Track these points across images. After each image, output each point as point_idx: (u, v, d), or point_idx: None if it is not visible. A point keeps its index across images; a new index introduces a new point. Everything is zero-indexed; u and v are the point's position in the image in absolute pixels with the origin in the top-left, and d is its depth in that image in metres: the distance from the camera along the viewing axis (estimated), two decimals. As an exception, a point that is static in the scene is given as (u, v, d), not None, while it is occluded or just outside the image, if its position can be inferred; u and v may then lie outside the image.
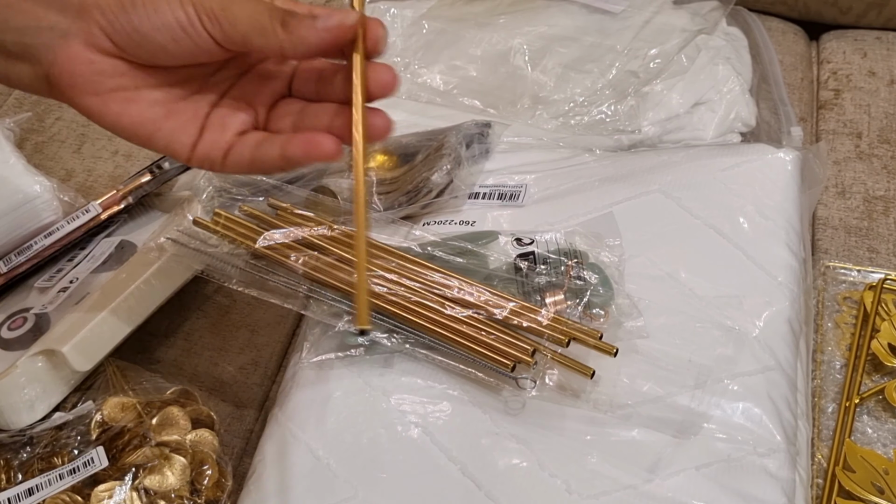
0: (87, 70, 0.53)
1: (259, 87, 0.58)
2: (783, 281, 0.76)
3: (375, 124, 0.56)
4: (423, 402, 0.70)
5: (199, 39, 0.53)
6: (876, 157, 0.96)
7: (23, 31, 0.53)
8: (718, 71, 0.98)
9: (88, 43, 0.53)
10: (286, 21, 0.53)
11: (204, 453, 0.71)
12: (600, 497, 0.65)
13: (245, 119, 0.58)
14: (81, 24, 0.52)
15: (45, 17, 0.53)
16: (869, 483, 0.71)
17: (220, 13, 0.52)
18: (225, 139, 0.57)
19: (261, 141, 0.56)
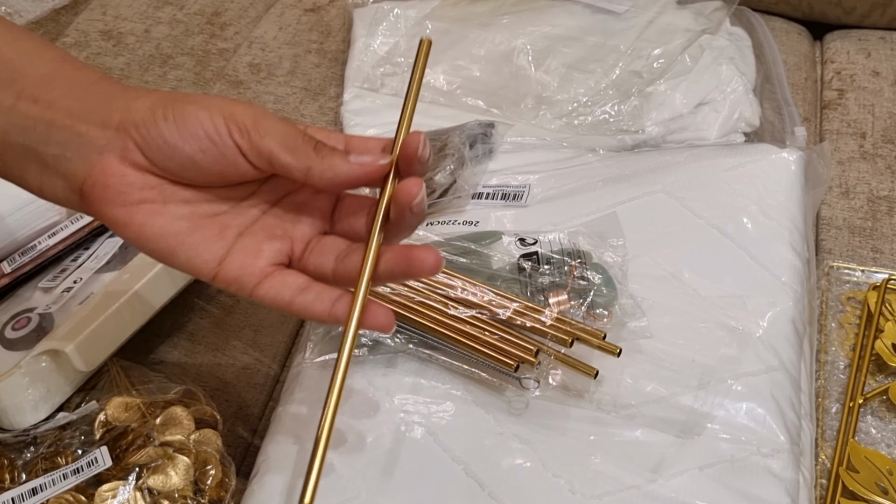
0: (118, 182, 0.54)
1: (296, 217, 0.57)
2: (787, 281, 0.76)
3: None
4: (427, 402, 0.70)
5: (227, 150, 0.53)
6: (880, 156, 0.96)
7: (64, 146, 0.54)
8: (722, 71, 0.98)
9: (123, 157, 0.54)
10: (319, 147, 0.53)
11: (207, 453, 0.71)
12: (604, 497, 0.65)
13: (280, 248, 0.56)
14: (118, 139, 0.54)
15: (86, 132, 0.54)
16: (873, 483, 0.71)
17: (251, 125, 0.53)
18: (258, 266, 0.55)
19: (304, 288, 0.55)
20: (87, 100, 0.54)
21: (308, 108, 1.06)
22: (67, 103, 0.54)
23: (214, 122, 0.53)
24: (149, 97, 0.54)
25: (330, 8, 1.18)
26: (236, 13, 1.18)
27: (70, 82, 0.55)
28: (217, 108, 0.53)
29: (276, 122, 0.54)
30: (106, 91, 0.55)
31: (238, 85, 1.08)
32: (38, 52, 0.56)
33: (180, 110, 0.53)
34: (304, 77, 1.09)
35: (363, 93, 1.03)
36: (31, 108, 0.54)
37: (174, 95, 0.54)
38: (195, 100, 0.54)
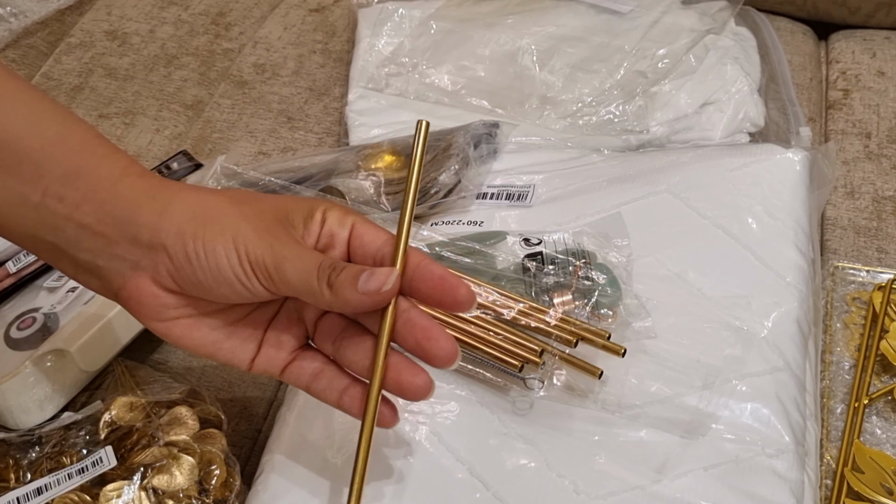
0: (153, 302, 0.57)
1: (305, 304, 0.61)
2: (792, 281, 0.76)
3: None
4: (431, 402, 0.70)
5: (255, 290, 0.56)
6: (885, 157, 0.96)
7: (96, 254, 0.56)
8: (727, 71, 0.98)
9: (155, 279, 0.56)
10: (332, 282, 0.55)
11: (212, 453, 0.71)
12: (608, 497, 0.65)
13: (298, 334, 0.61)
14: (150, 260, 0.56)
15: (117, 245, 0.56)
16: (878, 484, 0.70)
17: (274, 273, 0.56)
18: (281, 357, 0.61)
19: (317, 373, 0.61)
20: (112, 205, 0.56)
21: (312, 108, 1.06)
22: (93, 208, 0.56)
23: (244, 267, 0.55)
24: (173, 215, 0.56)
25: (334, 8, 1.18)
26: (241, 13, 1.18)
27: (93, 182, 0.56)
28: (244, 251, 0.55)
29: (293, 265, 0.56)
30: (129, 197, 0.56)
31: (243, 85, 1.09)
32: (61, 141, 0.57)
33: (211, 248, 0.55)
34: (309, 77, 1.09)
35: (368, 93, 1.03)
36: (58, 208, 0.56)
37: (199, 217, 0.56)
38: (221, 230, 0.56)
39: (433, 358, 0.57)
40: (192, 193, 0.57)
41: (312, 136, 1.03)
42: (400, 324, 0.58)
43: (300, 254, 0.56)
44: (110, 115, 1.06)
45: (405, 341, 0.58)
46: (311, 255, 0.56)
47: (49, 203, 0.55)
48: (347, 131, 1.01)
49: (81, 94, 1.08)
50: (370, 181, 0.88)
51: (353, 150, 0.94)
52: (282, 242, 0.56)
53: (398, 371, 0.58)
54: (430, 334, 0.57)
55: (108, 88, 1.09)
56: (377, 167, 0.90)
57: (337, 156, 0.93)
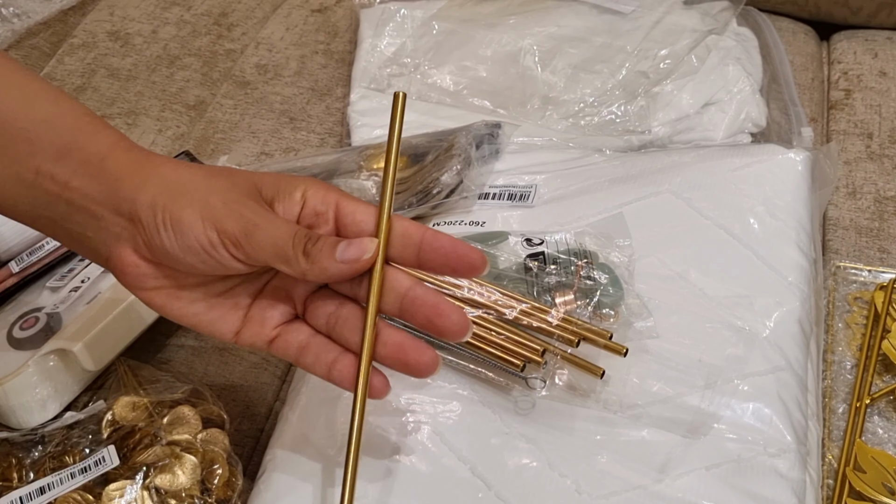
0: (134, 272, 0.58)
1: (294, 281, 0.61)
2: (794, 281, 0.76)
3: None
4: (433, 401, 0.70)
5: (224, 260, 0.56)
6: (887, 157, 0.96)
7: (84, 226, 0.58)
8: (729, 71, 0.98)
9: (135, 249, 0.58)
10: (308, 251, 0.56)
11: (214, 452, 0.71)
12: (610, 497, 0.65)
13: (284, 310, 0.61)
14: (129, 231, 0.57)
15: (102, 216, 0.57)
16: (879, 484, 0.71)
17: (244, 239, 0.56)
18: (265, 332, 0.61)
19: (304, 346, 0.60)
20: (99, 180, 0.57)
21: (315, 109, 1.06)
22: (82, 183, 0.57)
23: (209, 235, 0.56)
24: (149, 188, 0.57)
25: (337, 8, 1.18)
26: (243, 14, 1.18)
27: (82, 158, 0.58)
28: (210, 220, 0.56)
29: (265, 232, 0.56)
30: (114, 172, 0.57)
31: (245, 86, 1.09)
32: (52, 120, 0.58)
33: (177, 218, 0.56)
34: (311, 77, 1.10)
35: (370, 93, 1.03)
36: (50, 186, 0.57)
37: (172, 190, 0.57)
38: (190, 201, 0.56)
39: (446, 332, 0.57)
40: (171, 168, 0.59)
41: (314, 137, 1.03)
42: (407, 302, 0.58)
43: (274, 222, 0.56)
44: (113, 116, 1.06)
45: (414, 319, 0.58)
46: (286, 224, 0.57)
47: (42, 182, 0.57)
48: (349, 132, 1.01)
49: (84, 94, 1.08)
50: (372, 181, 0.88)
51: (355, 150, 0.94)
52: (253, 211, 0.56)
53: (403, 350, 0.58)
54: (439, 310, 0.57)
55: (111, 89, 1.09)
56: (379, 167, 0.90)
57: (339, 156, 0.93)
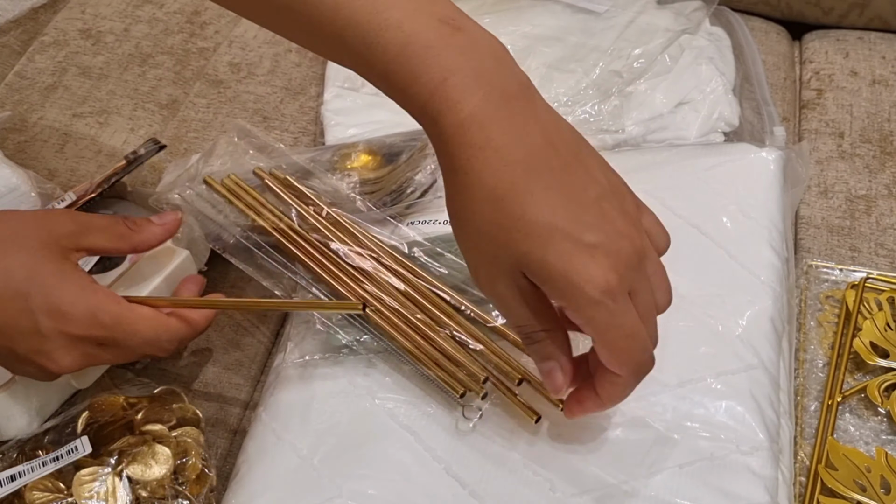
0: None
1: None
2: (766, 280, 0.76)
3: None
4: (408, 401, 0.70)
5: None
6: (858, 156, 0.97)
7: None
8: (702, 71, 0.98)
9: None
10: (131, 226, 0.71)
11: (188, 443, 0.71)
12: (584, 496, 0.65)
13: None
14: None
15: None
16: (851, 481, 0.71)
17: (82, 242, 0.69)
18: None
19: None
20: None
21: (288, 108, 1.06)
22: None
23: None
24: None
25: (310, 7, 1.18)
26: (216, 12, 1.17)
27: None
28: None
29: (97, 227, 0.69)
30: None
31: (218, 84, 1.08)
32: None
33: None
34: (285, 76, 1.09)
35: (344, 92, 1.03)
36: None
37: None
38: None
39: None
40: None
41: (288, 136, 1.03)
42: None
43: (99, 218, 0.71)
44: (84, 115, 1.05)
45: None
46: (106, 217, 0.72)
47: None
48: (323, 131, 1.00)
49: (55, 93, 1.08)
50: (346, 181, 0.88)
51: (329, 149, 0.93)
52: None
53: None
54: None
55: (83, 87, 1.08)
56: (353, 167, 0.90)
57: (313, 155, 0.93)
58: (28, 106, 1.07)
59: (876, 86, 1.04)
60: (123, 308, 0.66)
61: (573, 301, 0.54)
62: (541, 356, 0.60)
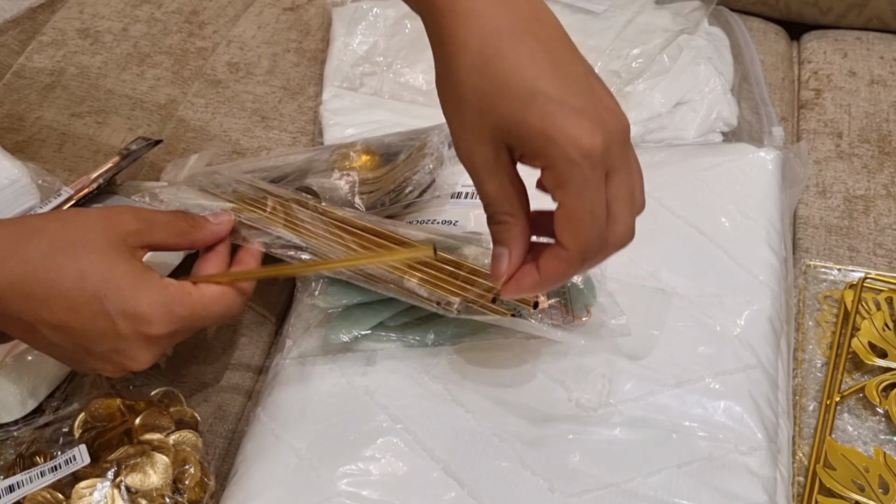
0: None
1: None
2: (764, 280, 0.76)
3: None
4: (406, 400, 0.70)
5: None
6: (856, 156, 0.97)
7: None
8: (700, 71, 0.98)
9: None
10: (192, 223, 0.71)
11: (187, 452, 0.71)
12: (582, 495, 0.65)
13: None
14: None
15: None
16: (850, 481, 0.71)
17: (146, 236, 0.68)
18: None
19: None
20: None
21: (287, 108, 1.06)
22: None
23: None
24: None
25: (309, 7, 1.18)
26: (215, 12, 1.17)
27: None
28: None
29: (160, 222, 0.69)
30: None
31: (216, 84, 1.08)
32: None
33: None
34: (283, 76, 1.09)
35: (342, 92, 1.03)
36: None
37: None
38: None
39: None
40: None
41: (287, 136, 1.03)
42: None
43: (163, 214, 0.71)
44: (83, 114, 1.05)
45: None
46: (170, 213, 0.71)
47: None
48: (322, 130, 1.00)
49: (53, 92, 1.07)
50: (345, 180, 0.88)
51: (327, 149, 0.93)
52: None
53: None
54: None
55: (81, 87, 1.08)
56: (352, 167, 0.90)
57: (311, 155, 0.93)
58: (26, 105, 1.06)
59: (874, 86, 1.04)
60: (195, 297, 0.67)
61: (550, 158, 0.53)
62: (497, 239, 0.59)
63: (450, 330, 0.73)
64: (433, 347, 0.73)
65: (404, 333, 0.73)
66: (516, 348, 0.72)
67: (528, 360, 0.71)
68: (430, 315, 0.73)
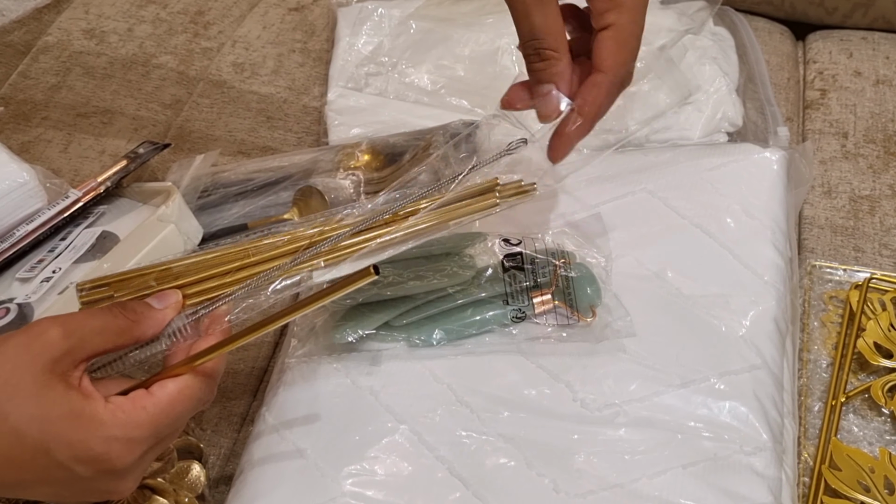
0: None
1: None
2: (769, 280, 0.76)
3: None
4: (411, 401, 0.70)
5: None
6: (862, 156, 0.96)
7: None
8: (705, 71, 0.98)
9: None
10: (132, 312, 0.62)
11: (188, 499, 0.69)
12: (587, 496, 0.65)
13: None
14: None
15: None
16: (855, 481, 0.71)
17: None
18: None
19: None
20: None
21: (292, 108, 1.06)
22: None
23: None
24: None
25: (314, 7, 1.18)
26: (220, 12, 1.18)
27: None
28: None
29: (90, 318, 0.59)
30: None
31: (222, 84, 1.08)
32: None
33: None
34: (288, 76, 1.09)
35: (347, 92, 1.03)
36: None
37: None
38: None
39: None
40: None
41: (292, 136, 1.03)
42: None
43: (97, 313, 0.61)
44: (88, 115, 1.05)
45: None
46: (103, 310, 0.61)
47: None
48: (327, 130, 1.00)
49: (59, 93, 1.08)
50: (350, 180, 0.88)
51: (332, 149, 0.94)
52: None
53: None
54: None
55: (86, 87, 1.08)
56: (357, 166, 0.90)
57: (316, 155, 0.93)
58: (32, 106, 1.07)
59: (880, 86, 1.04)
60: (150, 409, 0.58)
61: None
62: (542, 77, 0.60)
63: (455, 330, 0.73)
64: (438, 348, 0.73)
65: (409, 333, 0.73)
66: (521, 348, 0.72)
67: (532, 361, 0.71)
68: (435, 315, 0.73)
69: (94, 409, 0.56)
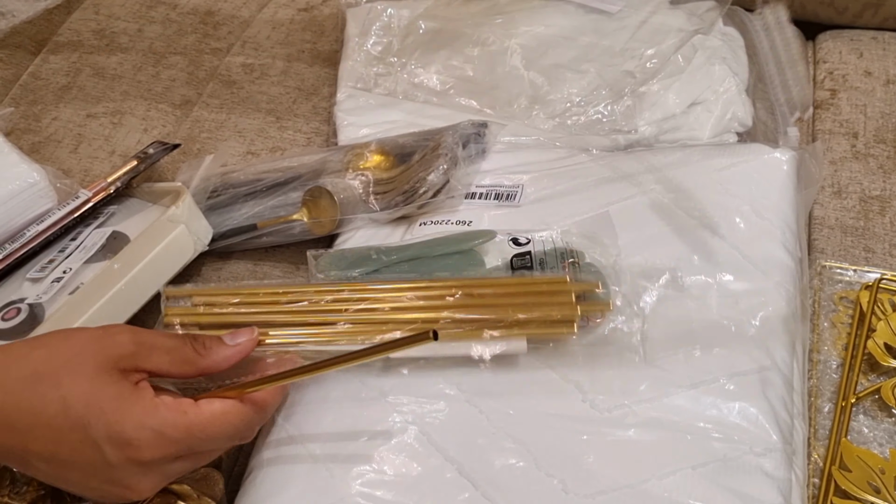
0: None
1: None
2: (779, 281, 0.76)
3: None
4: (420, 401, 0.70)
5: None
6: (872, 156, 0.96)
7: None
8: (715, 71, 0.98)
9: None
10: (197, 348, 0.65)
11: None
12: (597, 497, 0.65)
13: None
14: None
15: None
16: (865, 482, 0.71)
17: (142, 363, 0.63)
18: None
19: None
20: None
21: (301, 108, 1.06)
22: None
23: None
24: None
25: (323, 7, 1.18)
26: (229, 13, 1.18)
27: None
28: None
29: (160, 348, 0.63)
30: None
31: (231, 85, 1.08)
32: None
33: None
34: (298, 77, 1.09)
35: (356, 92, 1.03)
36: None
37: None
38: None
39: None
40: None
41: (301, 136, 1.03)
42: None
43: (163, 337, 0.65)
44: (98, 115, 1.05)
45: None
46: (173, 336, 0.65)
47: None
48: (336, 131, 1.01)
49: (69, 93, 1.08)
50: (359, 181, 0.88)
51: (341, 149, 0.94)
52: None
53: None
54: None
55: (97, 88, 1.09)
56: (366, 167, 0.90)
57: (325, 155, 0.93)
58: (42, 106, 1.07)
59: (890, 86, 1.03)
60: (191, 416, 0.61)
61: None
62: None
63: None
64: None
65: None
66: (530, 349, 0.72)
67: (542, 361, 0.71)
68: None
69: (139, 397, 0.60)
